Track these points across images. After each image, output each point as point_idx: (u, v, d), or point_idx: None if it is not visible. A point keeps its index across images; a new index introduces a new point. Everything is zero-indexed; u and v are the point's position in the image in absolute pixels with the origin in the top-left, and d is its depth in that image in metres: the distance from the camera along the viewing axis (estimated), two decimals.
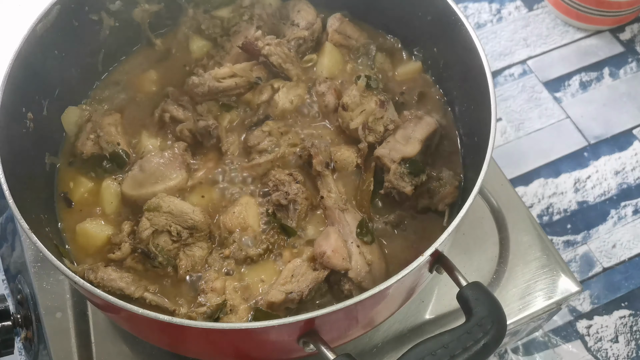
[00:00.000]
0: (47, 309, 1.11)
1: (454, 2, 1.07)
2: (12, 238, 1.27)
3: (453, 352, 0.82)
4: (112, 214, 1.07)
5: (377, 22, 1.26)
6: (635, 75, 1.67)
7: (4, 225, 1.29)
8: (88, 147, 1.10)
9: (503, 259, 1.20)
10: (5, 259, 1.29)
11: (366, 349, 1.12)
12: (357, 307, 0.85)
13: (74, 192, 1.10)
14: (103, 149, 1.10)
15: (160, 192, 1.04)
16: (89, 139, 1.11)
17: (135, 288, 0.98)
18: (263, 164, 1.09)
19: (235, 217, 1.04)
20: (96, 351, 1.10)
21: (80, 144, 1.11)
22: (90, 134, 1.11)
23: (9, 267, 1.28)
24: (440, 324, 1.14)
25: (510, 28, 1.74)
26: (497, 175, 1.28)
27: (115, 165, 1.10)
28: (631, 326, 1.37)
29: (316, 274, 0.97)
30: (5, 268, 1.29)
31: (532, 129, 1.59)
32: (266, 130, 1.11)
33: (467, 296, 0.87)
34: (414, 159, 1.07)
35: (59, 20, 1.06)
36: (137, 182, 1.06)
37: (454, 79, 1.15)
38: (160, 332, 0.96)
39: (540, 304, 1.17)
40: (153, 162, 1.07)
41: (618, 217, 1.48)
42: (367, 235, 1.02)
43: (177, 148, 1.09)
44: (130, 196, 1.06)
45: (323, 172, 1.07)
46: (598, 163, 1.55)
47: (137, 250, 1.00)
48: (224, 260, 1.02)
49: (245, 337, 0.88)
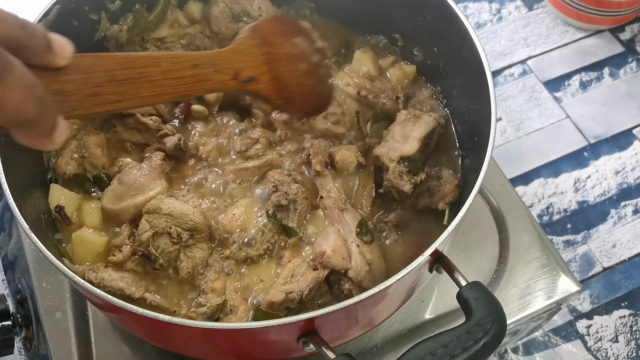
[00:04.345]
0: (47, 308, 1.11)
1: (454, 2, 1.07)
2: (8, 227, 1.26)
3: (453, 352, 0.82)
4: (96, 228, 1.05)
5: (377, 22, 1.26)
6: (635, 75, 1.67)
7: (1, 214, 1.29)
8: (71, 168, 1.07)
9: (503, 259, 1.20)
10: (2, 247, 1.29)
11: (366, 348, 1.12)
12: (357, 306, 0.85)
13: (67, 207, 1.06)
14: (87, 171, 1.08)
15: (141, 203, 1.02)
16: (72, 158, 1.08)
17: (136, 288, 0.98)
18: (251, 169, 1.09)
19: (235, 219, 1.04)
20: (96, 351, 1.10)
21: (64, 163, 1.08)
22: (74, 154, 1.08)
23: (6, 255, 1.27)
24: (440, 324, 1.14)
25: (510, 28, 1.74)
26: (497, 175, 1.28)
27: (97, 188, 1.08)
28: (631, 326, 1.37)
29: (316, 273, 0.97)
30: (3, 256, 1.29)
31: (532, 129, 1.59)
32: (254, 138, 1.11)
33: (467, 296, 0.87)
34: (413, 158, 1.07)
35: (59, 20, 1.06)
36: (117, 196, 1.04)
37: (454, 78, 1.15)
38: (161, 332, 0.96)
39: (540, 303, 1.17)
40: (131, 174, 1.05)
41: (618, 216, 1.49)
42: (367, 235, 1.02)
43: (155, 158, 1.07)
44: (111, 210, 1.04)
45: (322, 172, 1.07)
46: (598, 163, 1.55)
47: (138, 252, 1.00)
48: (224, 261, 1.02)
49: (245, 337, 0.88)
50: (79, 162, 1.08)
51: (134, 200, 1.03)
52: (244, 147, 1.11)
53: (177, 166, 1.11)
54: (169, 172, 1.09)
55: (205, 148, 1.11)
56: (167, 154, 1.09)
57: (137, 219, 1.02)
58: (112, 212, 1.04)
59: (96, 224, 1.05)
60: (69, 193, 1.06)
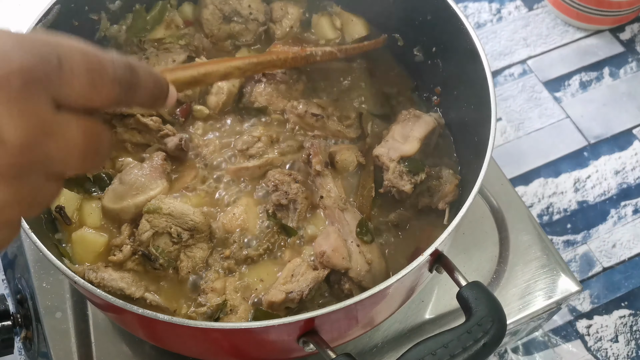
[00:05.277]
0: (47, 308, 1.11)
1: (454, 2, 1.07)
2: None
3: (453, 352, 0.82)
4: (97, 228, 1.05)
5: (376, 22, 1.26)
6: (635, 75, 1.67)
7: None
8: None
9: (503, 259, 1.20)
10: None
11: (366, 348, 1.12)
12: (357, 306, 0.85)
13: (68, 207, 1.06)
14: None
15: (142, 203, 1.02)
16: None
17: (136, 288, 0.98)
18: (251, 168, 1.09)
19: (235, 218, 1.04)
20: (96, 351, 1.10)
21: None
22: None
23: (6, 255, 1.27)
24: (440, 324, 1.14)
25: (510, 28, 1.74)
26: (497, 175, 1.28)
27: (97, 188, 1.08)
28: (631, 326, 1.37)
29: (316, 273, 0.97)
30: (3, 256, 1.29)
31: (532, 129, 1.59)
32: (256, 136, 1.11)
33: (467, 296, 0.87)
34: (413, 158, 1.07)
35: (59, 20, 1.06)
36: (117, 195, 1.04)
37: (454, 78, 1.15)
38: (161, 333, 0.96)
39: (540, 303, 1.17)
40: (132, 174, 1.05)
41: (618, 216, 1.49)
42: (367, 235, 1.02)
43: (156, 158, 1.07)
44: (111, 209, 1.04)
45: (323, 172, 1.07)
46: (598, 163, 1.55)
47: (138, 252, 1.00)
48: (224, 261, 1.02)
49: (245, 336, 0.88)
50: None
51: (134, 199, 1.03)
52: (245, 146, 1.11)
53: (178, 166, 1.11)
54: (170, 172, 1.09)
55: (208, 149, 1.11)
56: (168, 154, 1.10)
57: (137, 218, 1.02)
58: (112, 211, 1.04)
59: (97, 224, 1.05)
60: (69, 193, 1.06)
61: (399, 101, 1.22)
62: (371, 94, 1.22)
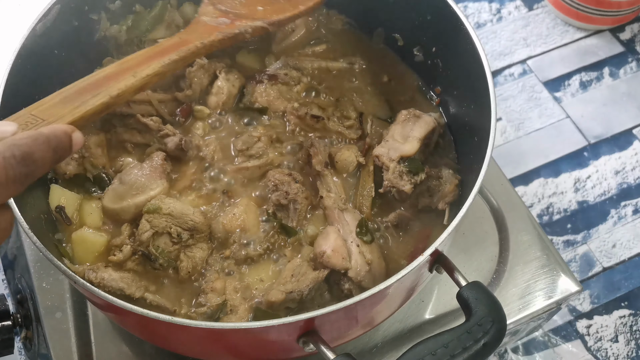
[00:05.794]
0: (47, 308, 1.11)
1: (454, 2, 1.07)
2: None
3: (453, 352, 0.82)
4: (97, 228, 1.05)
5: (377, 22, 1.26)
6: (635, 75, 1.67)
7: None
8: (71, 168, 1.07)
9: (503, 259, 1.20)
10: (2, 247, 1.29)
11: (366, 348, 1.12)
12: (357, 306, 0.85)
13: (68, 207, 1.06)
14: (87, 171, 1.08)
15: (142, 203, 1.02)
16: (72, 158, 1.07)
17: (136, 288, 0.98)
18: (251, 168, 1.09)
19: (235, 218, 1.04)
20: (96, 351, 1.10)
21: (64, 163, 1.07)
22: (74, 154, 1.07)
23: (6, 255, 1.27)
24: (440, 324, 1.14)
25: (510, 28, 1.74)
26: (497, 175, 1.28)
27: (98, 188, 1.08)
28: (631, 326, 1.37)
29: (316, 273, 0.97)
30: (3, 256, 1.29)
31: (532, 129, 1.59)
32: (256, 136, 1.11)
33: (467, 296, 0.87)
34: (413, 158, 1.07)
35: (59, 20, 1.06)
36: (117, 195, 1.04)
37: (454, 78, 1.15)
38: (161, 332, 0.96)
39: (540, 303, 1.17)
40: (132, 174, 1.05)
41: (618, 216, 1.49)
42: (367, 235, 1.02)
43: (156, 158, 1.07)
44: (112, 209, 1.04)
45: (322, 172, 1.07)
46: (598, 163, 1.55)
47: (138, 252, 1.00)
48: (224, 261, 1.02)
49: (245, 336, 0.88)
50: (79, 162, 1.08)
51: (134, 199, 1.03)
52: (245, 146, 1.11)
53: (178, 166, 1.11)
54: (170, 172, 1.09)
55: (208, 149, 1.11)
56: (168, 154, 1.10)
57: (137, 218, 1.02)
58: (112, 211, 1.04)
59: (97, 224, 1.05)
60: (70, 193, 1.06)
61: (399, 101, 1.22)
62: (372, 94, 1.22)
